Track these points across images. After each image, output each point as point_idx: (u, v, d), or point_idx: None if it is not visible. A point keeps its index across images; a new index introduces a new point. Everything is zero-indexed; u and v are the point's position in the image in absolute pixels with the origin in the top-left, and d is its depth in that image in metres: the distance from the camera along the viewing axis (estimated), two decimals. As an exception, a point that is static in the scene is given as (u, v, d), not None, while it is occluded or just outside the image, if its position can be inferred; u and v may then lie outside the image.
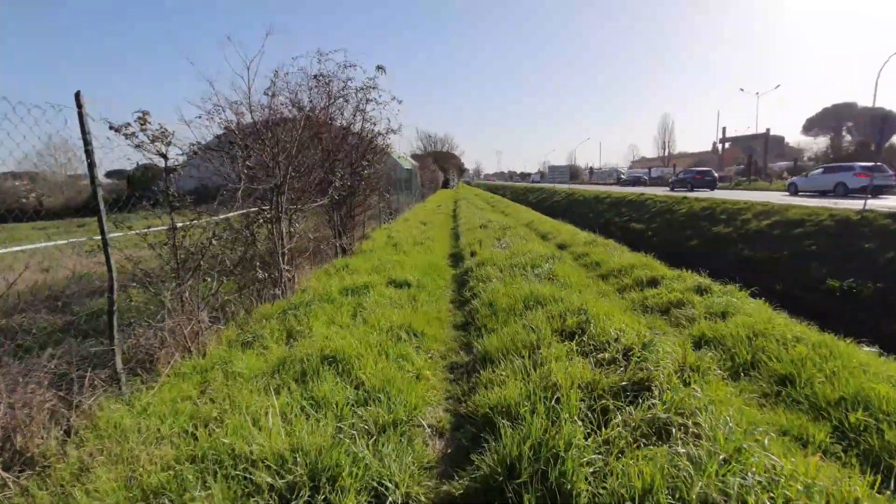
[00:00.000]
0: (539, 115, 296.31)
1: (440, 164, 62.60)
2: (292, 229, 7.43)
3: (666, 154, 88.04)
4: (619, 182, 58.19)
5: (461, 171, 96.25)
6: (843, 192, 27.19)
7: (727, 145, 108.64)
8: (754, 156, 77.23)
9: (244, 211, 6.61)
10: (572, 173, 65.11)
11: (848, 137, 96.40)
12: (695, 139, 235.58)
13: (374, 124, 10.94)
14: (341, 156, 10.38)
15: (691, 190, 36.36)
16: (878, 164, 24.36)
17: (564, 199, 46.68)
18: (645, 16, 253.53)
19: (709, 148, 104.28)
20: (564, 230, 14.99)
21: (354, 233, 11.78)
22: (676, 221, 26.64)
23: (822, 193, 27.97)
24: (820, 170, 30.18)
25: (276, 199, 6.74)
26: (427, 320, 6.10)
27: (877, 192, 23.14)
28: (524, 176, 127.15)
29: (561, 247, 12.19)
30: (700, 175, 38.00)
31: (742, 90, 61.41)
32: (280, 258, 6.94)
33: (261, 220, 6.52)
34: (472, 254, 10.52)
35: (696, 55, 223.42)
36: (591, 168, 73.84)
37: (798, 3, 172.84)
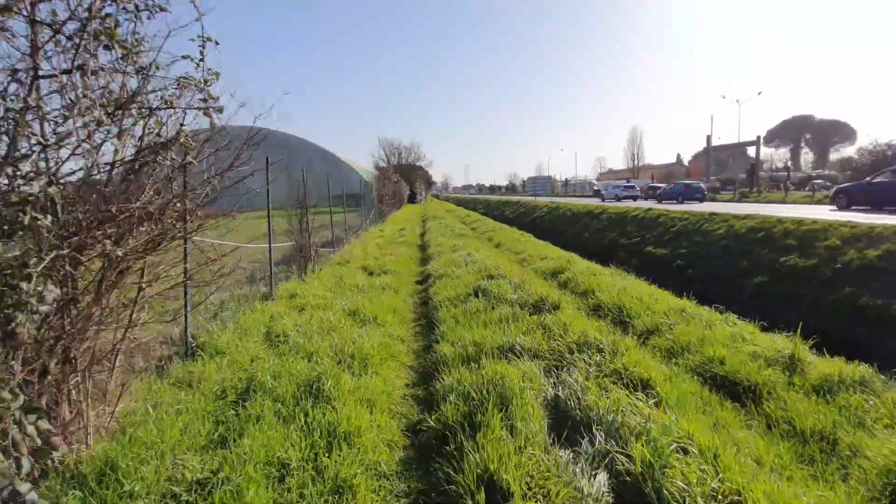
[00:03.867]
0: (507, 128, 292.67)
1: (405, 175, 54.26)
2: None
3: (635, 165, 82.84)
4: (599, 195, 49.83)
5: (429, 183, 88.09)
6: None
7: (690, 157, 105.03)
8: (727, 167, 72.36)
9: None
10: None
11: (806, 149, 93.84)
12: (660, 152, 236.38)
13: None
14: None
15: (681, 202, 33.23)
16: None
17: (548, 215, 39.05)
18: (612, 29, 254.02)
19: (673, 160, 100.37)
20: (636, 293, 6.90)
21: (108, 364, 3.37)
22: (715, 246, 19.10)
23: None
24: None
25: None
26: None
27: None
28: (493, 189, 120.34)
29: (671, 355, 4.10)
30: (688, 189, 35.77)
31: (724, 97, 55.84)
32: None
33: None
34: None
35: (662, 67, 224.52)
36: (566, 180, 67.37)
37: (756, 19, 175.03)
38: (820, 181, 54.77)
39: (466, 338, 4.95)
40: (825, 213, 20.70)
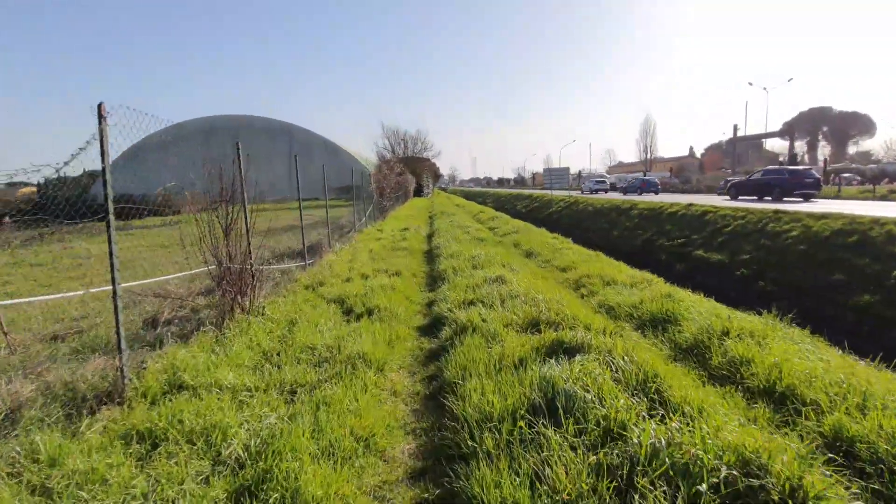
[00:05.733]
0: (516, 120, 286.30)
1: (411, 167, 49.70)
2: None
3: (647, 158, 77.95)
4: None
5: (436, 176, 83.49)
6: None
7: (703, 150, 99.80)
8: (747, 160, 67.49)
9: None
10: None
11: (823, 142, 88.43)
12: (673, 144, 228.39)
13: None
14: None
15: (640, 194, 36.06)
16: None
17: (566, 210, 34.72)
18: (626, 17, 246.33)
19: (686, 153, 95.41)
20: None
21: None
22: (791, 252, 14.90)
23: None
24: None
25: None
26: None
27: None
28: (501, 182, 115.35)
29: None
30: (645, 183, 38.46)
31: (751, 84, 50.41)
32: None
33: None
34: None
35: (677, 58, 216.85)
36: (579, 172, 62.72)
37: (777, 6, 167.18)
38: (848, 174, 50.11)
39: None
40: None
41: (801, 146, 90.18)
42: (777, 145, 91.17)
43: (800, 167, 25.20)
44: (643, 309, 5.56)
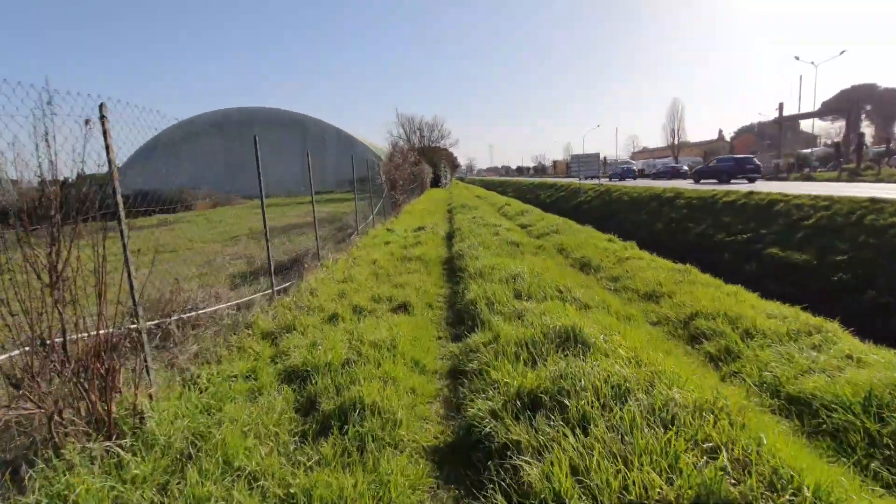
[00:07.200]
0: (535, 108, 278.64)
1: (428, 157, 46.43)
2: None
3: (675, 142, 72.89)
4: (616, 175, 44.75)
5: (454, 166, 79.86)
6: None
7: (732, 133, 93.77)
8: (785, 142, 62.13)
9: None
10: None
11: (867, 122, 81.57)
12: (700, 128, 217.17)
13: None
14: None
15: (623, 179, 40.77)
16: None
17: (596, 200, 31.19)
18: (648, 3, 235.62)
19: (715, 136, 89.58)
20: None
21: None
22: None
23: None
24: None
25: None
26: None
27: None
28: (520, 170, 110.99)
29: None
30: (624, 171, 44.09)
31: (797, 58, 45.17)
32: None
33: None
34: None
35: (700, 38, 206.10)
36: (605, 159, 58.53)
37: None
38: (903, 155, 44.89)
39: None
40: None
41: (841, 126, 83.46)
42: (817, 126, 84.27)
43: (745, 155, 28.71)
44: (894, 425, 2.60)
